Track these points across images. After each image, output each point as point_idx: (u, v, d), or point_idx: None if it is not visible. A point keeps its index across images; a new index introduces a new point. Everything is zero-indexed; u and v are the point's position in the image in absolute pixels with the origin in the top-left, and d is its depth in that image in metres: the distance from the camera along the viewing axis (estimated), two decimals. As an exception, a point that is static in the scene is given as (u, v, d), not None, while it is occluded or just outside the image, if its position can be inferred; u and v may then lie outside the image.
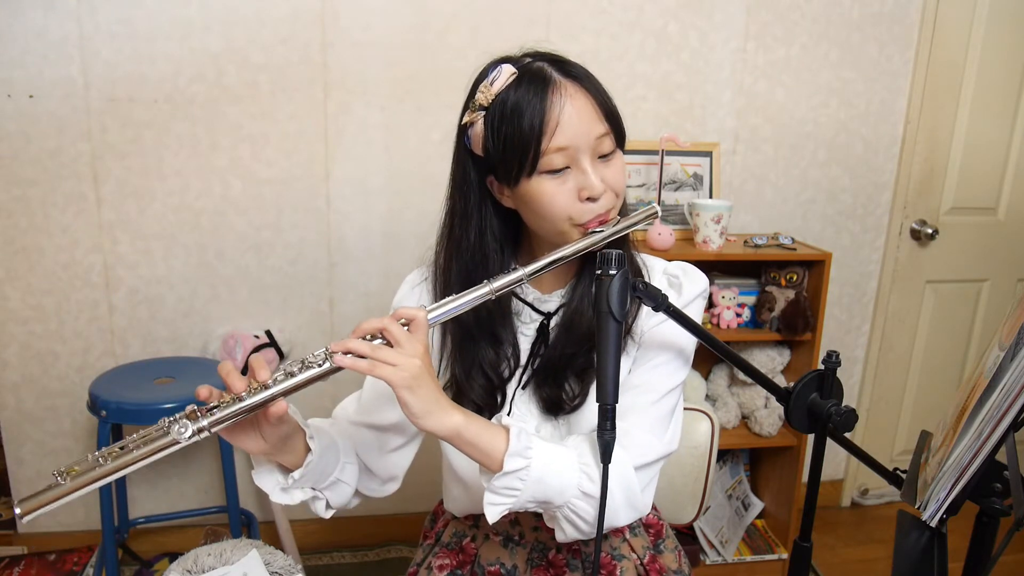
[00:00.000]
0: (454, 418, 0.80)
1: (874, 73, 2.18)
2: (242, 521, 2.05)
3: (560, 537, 0.89)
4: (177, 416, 0.72)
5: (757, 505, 2.26)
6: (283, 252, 2.00)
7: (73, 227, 1.89)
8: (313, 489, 0.93)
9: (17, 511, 0.68)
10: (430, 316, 0.81)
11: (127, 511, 2.01)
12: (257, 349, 1.94)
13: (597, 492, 0.83)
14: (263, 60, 1.87)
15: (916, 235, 2.31)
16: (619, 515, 0.88)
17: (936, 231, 2.29)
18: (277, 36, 1.86)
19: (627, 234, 0.94)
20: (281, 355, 2.00)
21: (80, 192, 1.87)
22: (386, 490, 1.04)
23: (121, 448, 0.72)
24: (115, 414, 1.64)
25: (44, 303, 1.92)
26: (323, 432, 0.93)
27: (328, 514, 0.97)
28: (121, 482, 1.95)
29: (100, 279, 1.94)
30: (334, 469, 0.94)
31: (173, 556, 2.07)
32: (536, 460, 0.82)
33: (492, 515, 0.83)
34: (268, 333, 1.99)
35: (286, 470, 0.89)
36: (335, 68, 1.90)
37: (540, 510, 0.87)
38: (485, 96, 0.88)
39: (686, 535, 2.19)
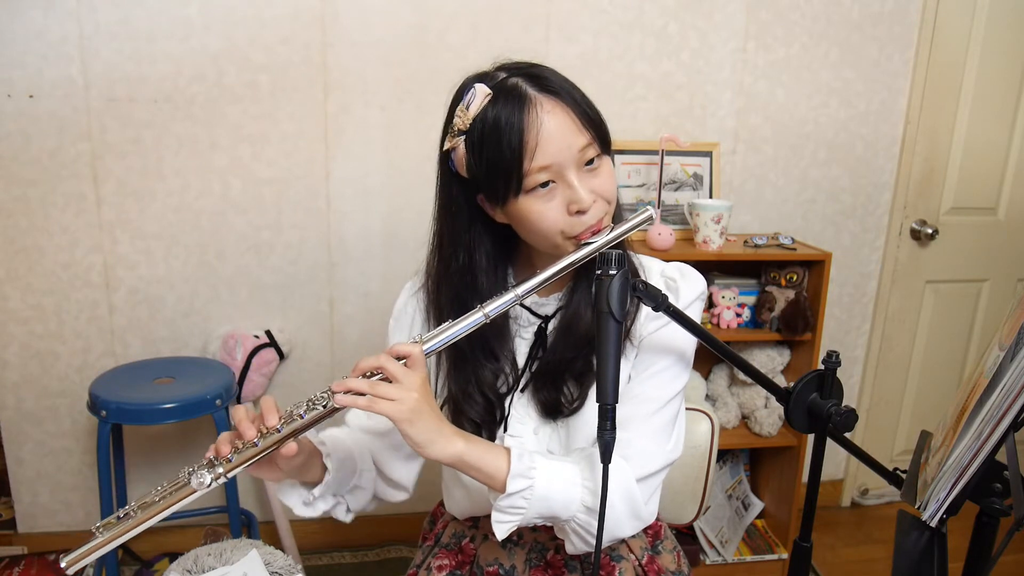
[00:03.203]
0: (456, 445, 0.82)
1: (874, 73, 2.18)
2: (242, 521, 2.05)
3: (570, 549, 0.90)
4: (195, 467, 0.79)
5: (757, 505, 2.26)
6: (283, 252, 2.00)
7: (73, 227, 1.89)
8: (335, 496, 0.97)
9: (63, 565, 0.75)
10: (426, 347, 0.83)
11: (127, 511, 2.01)
12: (257, 349, 1.94)
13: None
14: (263, 60, 1.87)
15: (916, 235, 2.31)
16: (623, 526, 0.89)
17: (936, 231, 2.29)
18: (277, 36, 1.86)
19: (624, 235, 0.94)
20: (281, 355, 2.00)
21: (80, 192, 1.87)
22: (397, 496, 1.07)
23: (149, 500, 0.79)
24: (115, 414, 1.64)
25: (44, 303, 1.92)
26: (339, 443, 0.96)
27: (348, 518, 1.01)
28: (121, 482, 1.95)
29: (100, 279, 1.94)
30: (352, 477, 0.98)
31: (173, 556, 2.07)
32: (539, 479, 0.84)
33: (500, 532, 0.85)
34: (268, 333, 1.99)
35: (308, 484, 0.94)
36: (335, 68, 1.90)
37: (548, 523, 0.89)
38: (463, 120, 0.88)
39: (686, 535, 2.19)
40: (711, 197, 2.09)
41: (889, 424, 2.53)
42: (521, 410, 0.98)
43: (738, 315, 2.07)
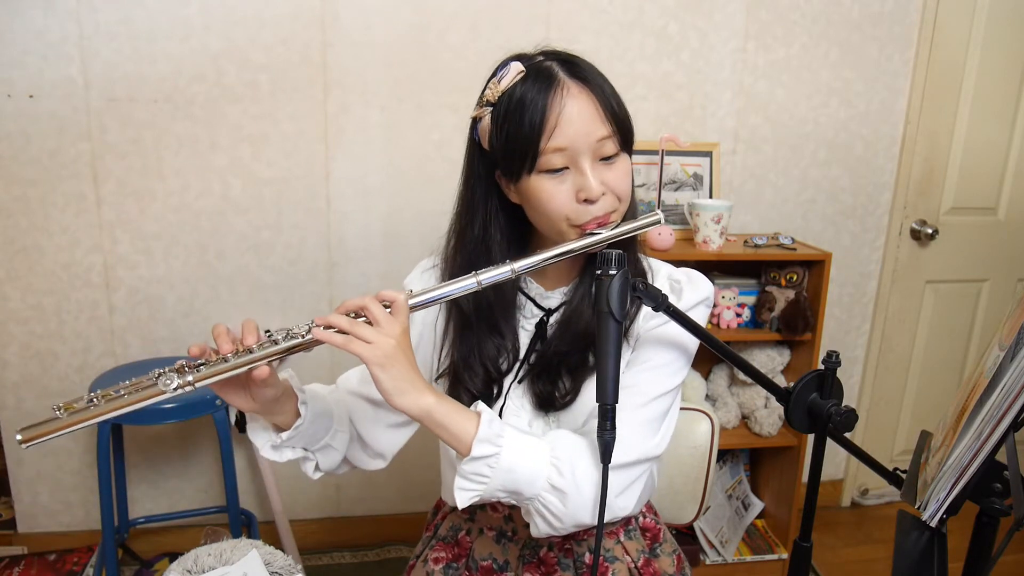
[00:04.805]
0: (426, 399, 0.81)
1: (874, 73, 2.18)
2: (242, 521, 2.05)
3: (534, 531, 0.89)
4: (166, 369, 0.77)
5: (757, 505, 2.26)
6: (283, 252, 2.00)
7: (73, 227, 1.89)
8: (305, 450, 0.96)
9: (18, 438, 0.72)
10: (413, 301, 0.84)
11: (127, 511, 2.01)
12: (257, 349, 1.94)
13: (566, 486, 0.84)
14: (263, 60, 1.87)
15: (916, 235, 2.31)
16: (588, 513, 0.86)
17: (936, 231, 2.29)
18: (277, 36, 1.86)
19: (633, 236, 0.94)
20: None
21: (80, 192, 1.87)
22: (373, 464, 1.06)
23: (114, 392, 0.76)
24: (115, 414, 1.64)
25: (44, 303, 1.92)
26: (319, 398, 0.96)
27: (316, 476, 1.00)
28: (121, 482, 1.95)
29: (100, 279, 1.94)
30: (325, 435, 0.97)
31: (173, 556, 2.07)
32: (507, 449, 0.83)
33: (461, 500, 0.84)
34: (268, 333, 1.98)
35: (280, 429, 0.92)
36: (335, 68, 1.90)
37: (513, 501, 0.88)
38: (492, 92, 0.90)
39: (686, 535, 2.19)
40: (711, 197, 2.09)
41: (889, 424, 2.53)
42: (516, 402, 0.99)
43: (738, 315, 2.07)
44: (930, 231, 2.29)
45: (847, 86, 2.17)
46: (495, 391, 0.99)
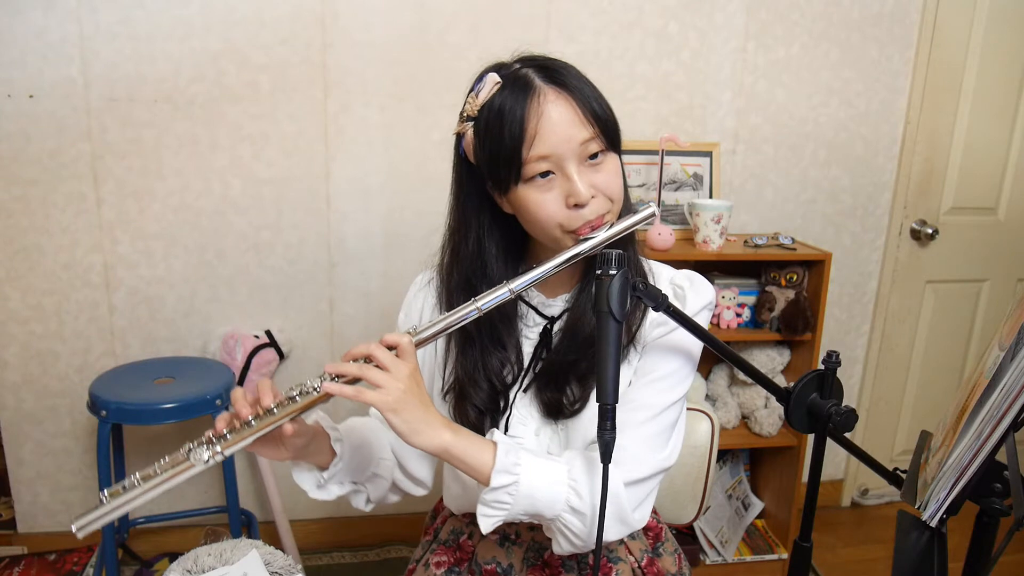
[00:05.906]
0: (443, 436, 0.83)
1: (874, 73, 2.18)
2: (242, 521, 2.05)
3: (556, 549, 0.91)
4: (195, 444, 0.81)
5: (757, 505, 2.26)
6: (283, 252, 2.00)
7: (73, 227, 1.89)
8: (353, 483, 0.98)
9: (73, 528, 0.77)
10: (418, 338, 0.84)
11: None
12: (257, 349, 1.94)
13: (585, 508, 0.85)
14: (263, 60, 1.87)
15: (916, 235, 2.31)
16: (608, 530, 0.88)
17: (936, 231, 2.29)
18: (277, 36, 1.86)
19: (632, 237, 0.93)
20: (281, 355, 2.00)
21: (80, 192, 1.87)
22: (416, 490, 1.08)
23: (152, 472, 0.81)
24: (115, 414, 1.64)
25: (44, 303, 1.92)
26: (355, 431, 0.97)
27: (368, 507, 1.02)
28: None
29: (100, 279, 1.94)
30: (369, 464, 0.99)
31: (173, 556, 2.07)
32: (524, 476, 0.84)
33: (485, 526, 0.86)
34: (268, 333, 1.99)
35: (322, 467, 0.94)
36: (335, 68, 1.90)
37: (536, 521, 0.90)
38: (471, 106, 0.89)
39: (686, 535, 2.19)
40: (711, 197, 2.09)
41: (889, 424, 2.53)
42: (523, 410, 0.98)
43: (738, 315, 2.07)
44: (930, 231, 2.29)
45: (847, 86, 2.17)
46: (501, 404, 0.99)
